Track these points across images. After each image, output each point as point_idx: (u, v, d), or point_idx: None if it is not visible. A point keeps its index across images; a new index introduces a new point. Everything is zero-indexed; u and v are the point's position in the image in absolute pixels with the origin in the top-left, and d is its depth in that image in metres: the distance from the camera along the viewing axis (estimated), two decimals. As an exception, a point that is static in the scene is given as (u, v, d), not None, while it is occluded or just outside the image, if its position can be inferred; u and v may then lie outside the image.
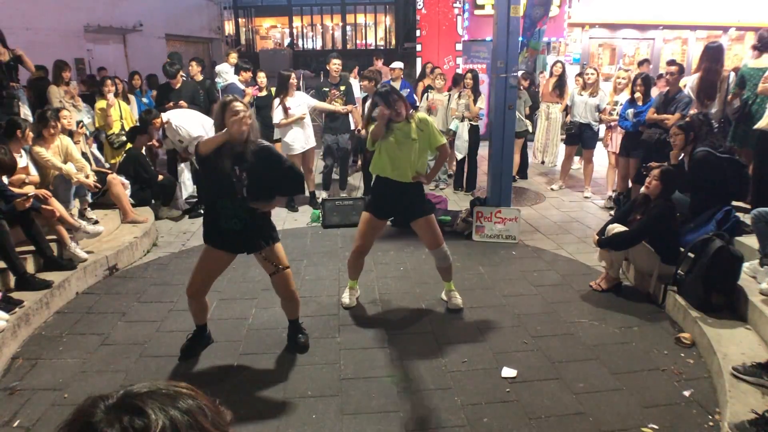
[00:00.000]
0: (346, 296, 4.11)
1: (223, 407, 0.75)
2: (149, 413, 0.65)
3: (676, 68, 5.66)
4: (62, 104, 6.21)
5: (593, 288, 4.32)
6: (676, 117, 5.46)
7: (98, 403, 0.67)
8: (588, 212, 6.55)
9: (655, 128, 5.66)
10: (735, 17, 11.67)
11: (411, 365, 3.30)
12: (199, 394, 0.73)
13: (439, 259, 3.96)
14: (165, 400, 0.68)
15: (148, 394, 0.69)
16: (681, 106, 5.51)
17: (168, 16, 14.85)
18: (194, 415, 0.68)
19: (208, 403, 0.72)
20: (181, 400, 0.69)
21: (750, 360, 3.01)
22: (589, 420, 2.80)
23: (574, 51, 11.66)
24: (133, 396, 0.69)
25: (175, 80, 6.81)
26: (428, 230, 3.84)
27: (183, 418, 0.67)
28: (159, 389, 0.70)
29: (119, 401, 0.68)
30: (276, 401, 2.96)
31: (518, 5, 5.36)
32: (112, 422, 0.65)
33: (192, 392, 0.72)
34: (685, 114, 5.52)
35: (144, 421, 0.65)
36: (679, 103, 5.54)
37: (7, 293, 3.73)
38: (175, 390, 0.71)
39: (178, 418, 0.67)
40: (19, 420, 2.81)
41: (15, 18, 8.64)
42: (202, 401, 0.71)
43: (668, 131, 5.52)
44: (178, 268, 4.81)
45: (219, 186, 3.02)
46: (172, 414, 0.67)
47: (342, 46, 23.96)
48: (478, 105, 7.08)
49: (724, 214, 4.34)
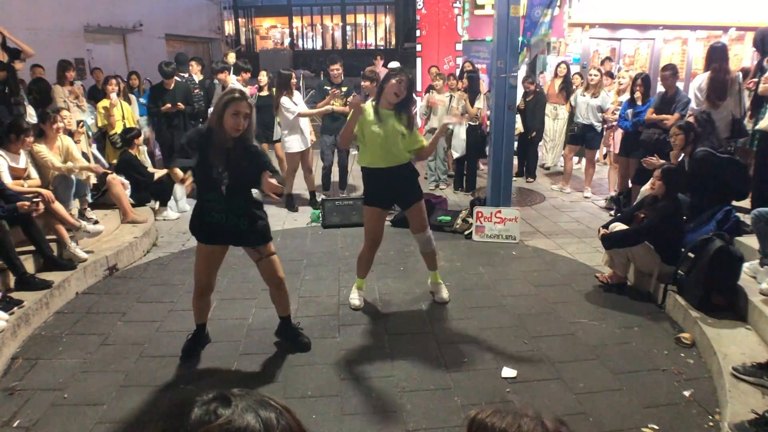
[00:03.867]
0: (354, 297, 4.09)
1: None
2: (235, 405, 0.73)
3: (669, 72, 5.67)
4: (66, 104, 6.21)
5: (599, 279, 4.33)
6: (675, 117, 5.46)
7: (195, 399, 0.75)
8: (588, 212, 6.55)
9: (654, 128, 5.66)
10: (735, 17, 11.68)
11: (411, 365, 3.30)
12: (290, 412, 0.77)
13: (423, 244, 4.03)
14: (253, 402, 0.74)
15: (242, 396, 0.75)
16: (680, 106, 5.51)
17: (168, 16, 14.85)
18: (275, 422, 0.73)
19: (292, 421, 0.76)
20: (269, 409, 0.74)
21: (750, 360, 3.01)
22: (589, 420, 2.80)
23: (574, 51, 11.66)
24: (228, 393, 0.75)
25: (169, 80, 6.83)
26: (419, 214, 3.94)
27: (265, 416, 0.73)
28: (253, 396, 0.76)
29: (215, 394, 0.75)
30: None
31: (518, 5, 5.36)
32: (202, 405, 0.73)
33: (281, 408, 0.76)
34: (684, 114, 5.52)
35: (227, 411, 0.72)
36: (678, 103, 5.54)
37: (7, 293, 3.73)
38: (267, 399, 0.76)
39: (261, 416, 0.72)
40: (19, 420, 2.80)
41: (15, 18, 8.63)
42: (289, 417, 0.76)
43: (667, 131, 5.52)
44: (178, 268, 4.80)
45: (207, 179, 3.01)
46: (257, 412, 0.73)
47: (342, 46, 23.96)
48: (476, 105, 7.08)
49: (724, 214, 4.34)
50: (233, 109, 2.87)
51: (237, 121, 2.88)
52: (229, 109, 2.88)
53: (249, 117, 2.95)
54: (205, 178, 3.03)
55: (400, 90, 3.60)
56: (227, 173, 2.98)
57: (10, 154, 4.45)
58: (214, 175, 2.96)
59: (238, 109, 2.88)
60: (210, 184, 3.01)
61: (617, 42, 12.50)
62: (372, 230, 3.92)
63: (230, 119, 2.88)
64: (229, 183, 2.99)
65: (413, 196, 3.90)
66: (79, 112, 6.45)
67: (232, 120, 2.88)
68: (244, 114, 2.90)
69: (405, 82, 3.62)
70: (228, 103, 2.89)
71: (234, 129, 2.90)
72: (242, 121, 2.90)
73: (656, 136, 5.61)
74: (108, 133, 6.63)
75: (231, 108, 2.88)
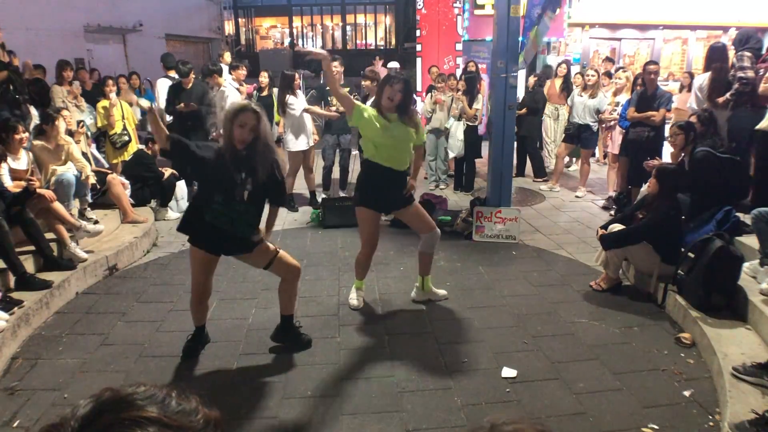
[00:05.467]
0: (353, 297, 4.09)
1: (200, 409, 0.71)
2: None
3: (656, 67, 5.69)
4: (65, 104, 6.21)
5: (593, 288, 4.32)
6: (662, 113, 5.49)
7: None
8: (588, 212, 6.55)
9: (642, 126, 5.67)
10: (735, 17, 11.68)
11: (411, 365, 3.30)
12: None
13: (430, 244, 3.97)
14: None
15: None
16: (664, 102, 5.54)
17: (168, 16, 14.85)
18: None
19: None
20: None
21: (750, 360, 3.01)
22: (589, 420, 2.80)
23: (574, 51, 11.66)
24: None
25: (187, 79, 6.76)
26: (420, 216, 3.92)
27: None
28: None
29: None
30: (276, 401, 2.96)
31: (518, 5, 5.36)
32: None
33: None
34: (669, 109, 5.57)
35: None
36: (662, 98, 5.56)
37: (7, 293, 3.73)
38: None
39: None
40: (19, 420, 2.80)
41: (15, 18, 8.64)
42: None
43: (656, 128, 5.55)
44: (178, 268, 4.80)
45: (217, 184, 3.01)
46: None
47: (342, 46, 23.95)
48: (474, 106, 7.09)
49: (724, 214, 4.34)
50: (240, 121, 2.93)
51: (242, 132, 2.94)
52: (236, 121, 2.93)
53: (256, 128, 2.96)
54: (218, 182, 3.02)
55: (393, 94, 3.57)
56: (250, 179, 3.02)
57: (10, 156, 4.44)
58: (237, 181, 3.00)
59: (244, 121, 2.93)
60: (224, 188, 3.01)
61: (617, 42, 12.50)
62: (369, 234, 3.86)
63: (237, 131, 2.94)
64: (252, 190, 3.03)
65: (403, 199, 3.85)
66: (78, 112, 6.45)
67: (238, 132, 2.94)
68: (250, 126, 2.93)
69: (399, 86, 3.58)
70: (236, 114, 2.95)
71: (240, 141, 2.95)
72: (247, 132, 2.94)
73: (645, 134, 5.64)
74: (108, 134, 6.62)
75: (238, 120, 2.93)
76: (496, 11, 5.49)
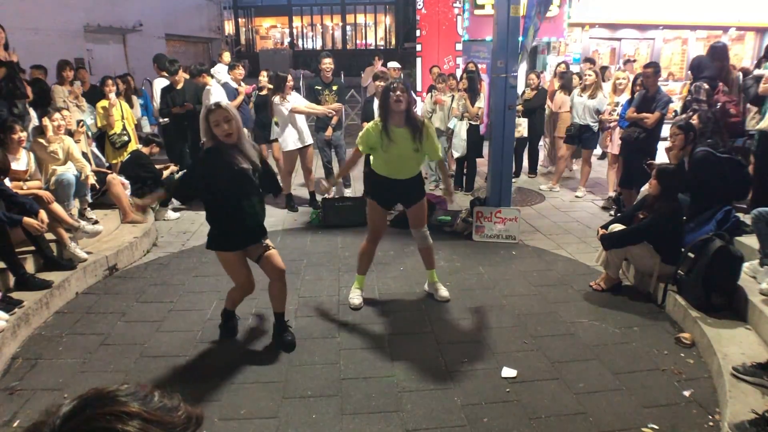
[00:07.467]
0: (354, 297, 4.10)
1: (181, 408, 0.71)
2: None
3: (651, 69, 5.69)
4: (66, 104, 6.20)
5: (593, 288, 4.32)
6: (656, 116, 5.50)
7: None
8: (588, 212, 6.55)
9: (634, 127, 5.69)
10: (735, 17, 11.69)
11: (411, 365, 3.30)
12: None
13: (421, 239, 4.09)
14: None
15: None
16: (660, 105, 5.55)
17: (168, 16, 14.85)
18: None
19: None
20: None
21: (750, 360, 3.01)
22: (589, 420, 2.80)
23: (574, 51, 11.66)
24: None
25: (176, 78, 6.73)
26: (420, 212, 4.03)
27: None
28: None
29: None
30: (276, 401, 2.96)
31: (518, 5, 5.36)
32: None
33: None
34: (665, 113, 5.58)
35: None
36: (659, 102, 5.56)
37: (7, 293, 3.73)
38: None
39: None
40: (19, 420, 2.80)
41: (15, 18, 8.63)
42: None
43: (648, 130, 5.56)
44: (178, 268, 4.81)
45: (240, 186, 3.09)
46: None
47: (342, 46, 23.97)
48: (477, 105, 7.08)
49: (724, 214, 4.34)
50: (213, 120, 3.01)
51: (222, 128, 3.01)
52: (211, 121, 3.02)
53: (229, 119, 3.02)
54: (239, 187, 3.09)
55: (398, 98, 3.62)
56: (252, 167, 3.13)
57: (10, 155, 4.44)
58: (249, 179, 3.10)
59: (217, 119, 3.00)
60: (248, 191, 3.12)
61: (617, 42, 12.50)
62: (374, 221, 4.01)
63: (217, 130, 3.02)
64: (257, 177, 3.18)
65: (416, 195, 3.99)
66: (78, 112, 6.45)
67: (218, 130, 3.02)
68: (224, 119, 3.00)
69: (400, 89, 3.64)
70: (207, 116, 3.04)
71: (224, 136, 3.03)
72: (225, 125, 3.00)
73: (636, 134, 5.65)
74: (108, 134, 6.62)
75: (211, 119, 3.02)
76: (496, 11, 5.49)
